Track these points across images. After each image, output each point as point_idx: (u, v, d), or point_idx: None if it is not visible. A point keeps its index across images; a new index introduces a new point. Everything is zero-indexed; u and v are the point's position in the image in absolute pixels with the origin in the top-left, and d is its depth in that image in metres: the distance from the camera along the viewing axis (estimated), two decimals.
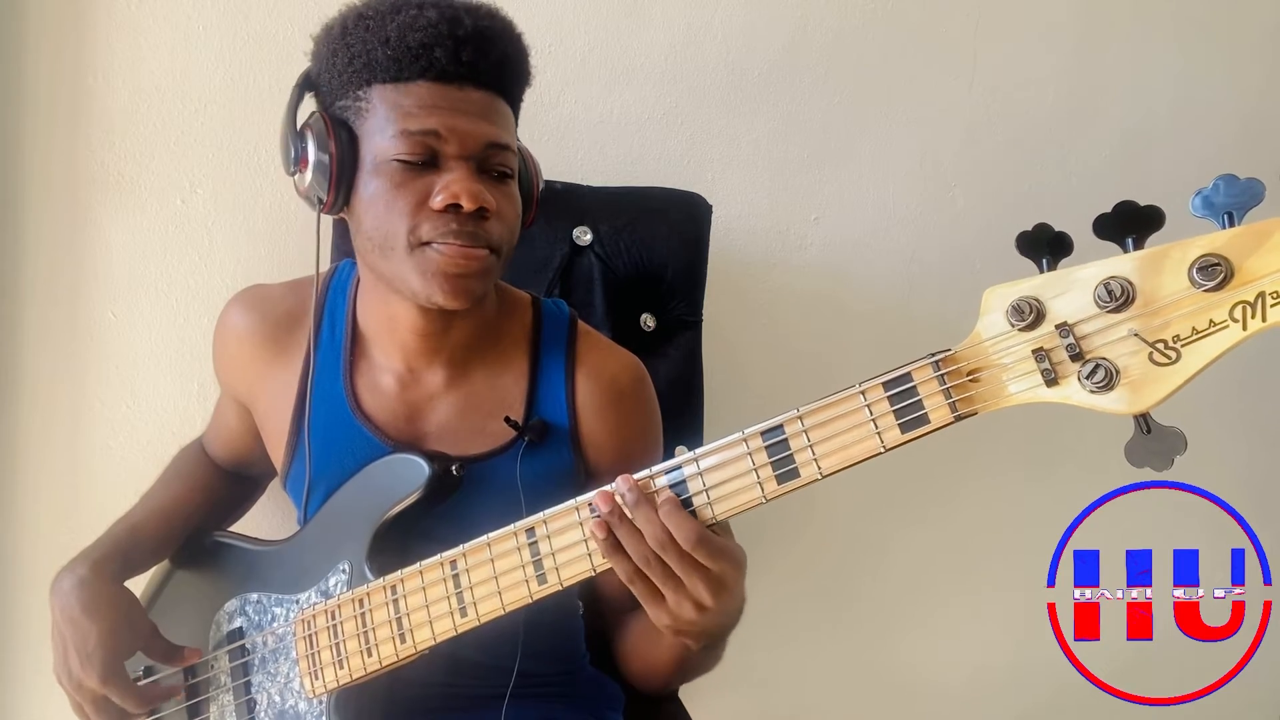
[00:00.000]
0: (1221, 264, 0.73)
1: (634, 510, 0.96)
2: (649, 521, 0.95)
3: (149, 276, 1.65)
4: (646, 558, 0.96)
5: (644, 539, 0.96)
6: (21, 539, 1.66)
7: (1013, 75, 1.94)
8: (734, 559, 0.97)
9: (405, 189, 1.08)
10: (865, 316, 1.92)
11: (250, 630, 1.21)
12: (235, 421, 1.39)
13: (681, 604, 0.96)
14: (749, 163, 1.85)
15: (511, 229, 1.13)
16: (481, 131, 1.09)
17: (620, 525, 0.96)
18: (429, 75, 1.07)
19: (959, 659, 2.07)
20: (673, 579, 0.96)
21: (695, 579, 0.95)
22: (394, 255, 1.09)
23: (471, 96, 1.09)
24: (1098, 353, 0.79)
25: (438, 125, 1.07)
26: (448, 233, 1.07)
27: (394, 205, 1.08)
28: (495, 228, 1.10)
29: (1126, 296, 0.77)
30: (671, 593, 0.96)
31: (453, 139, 1.07)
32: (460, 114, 1.08)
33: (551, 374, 1.26)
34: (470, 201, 1.05)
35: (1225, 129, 2.02)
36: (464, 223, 1.07)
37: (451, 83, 1.08)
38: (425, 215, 1.07)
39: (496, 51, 1.10)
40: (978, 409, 0.85)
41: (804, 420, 0.90)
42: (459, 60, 1.07)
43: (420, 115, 1.07)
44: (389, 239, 1.09)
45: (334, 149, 1.10)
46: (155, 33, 1.61)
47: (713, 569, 0.95)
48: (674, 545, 0.94)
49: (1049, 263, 0.81)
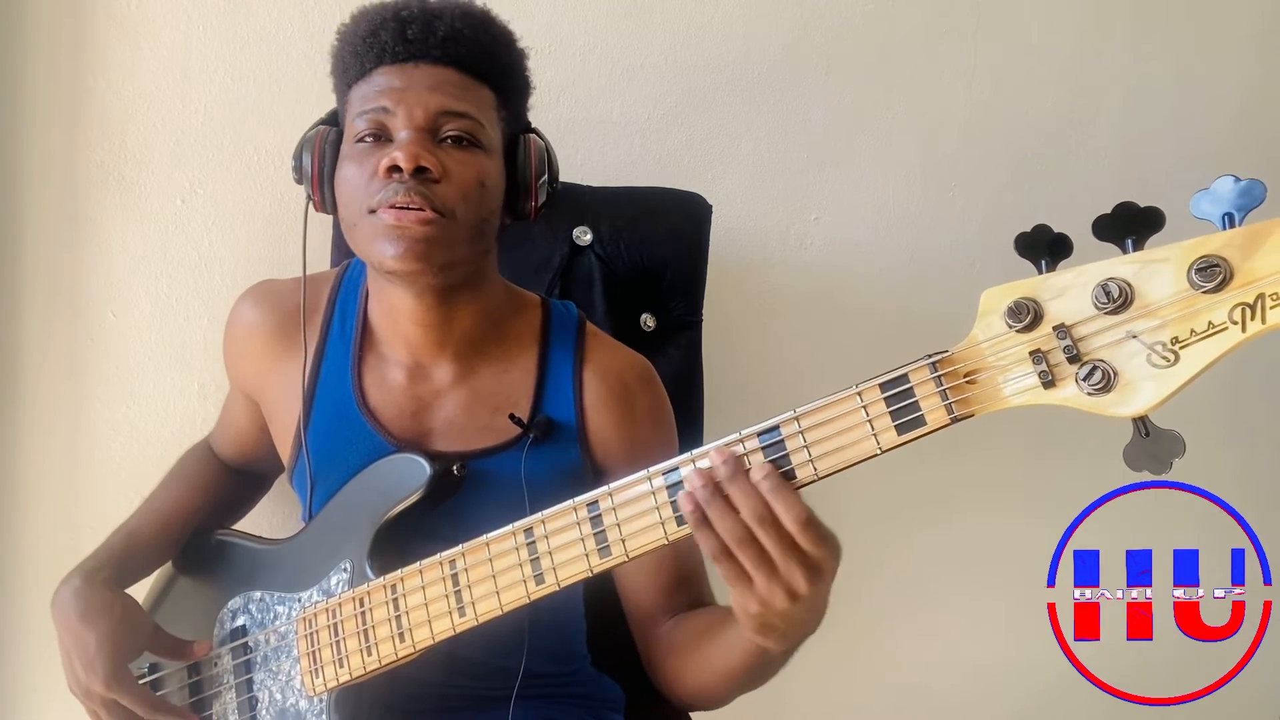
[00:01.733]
0: (1221, 265, 0.72)
1: (730, 483, 0.89)
2: (747, 495, 0.88)
3: (149, 276, 1.65)
4: (741, 537, 0.88)
5: (738, 516, 0.89)
6: (21, 539, 1.66)
7: (1013, 75, 1.94)
8: (836, 546, 0.91)
9: (362, 164, 1.12)
10: (865, 316, 1.92)
11: (253, 628, 1.22)
12: (243, 417, 1.40)
13: (774, 591, 0.89)
14: (749, 163, 1.85)
15: (471, 195, 1.12)
16: (430, 101, 1.12)
17: (714, 501, 0.89)
18: (384, 60, 1.14)
19: (959, 659, 2.07)
20: (767, 563, 0.89)
21: (792, 563, 0.88)
22: (356, 229, 1.13)
23: (424, 70, 1.13)
24: (1095, 355, 0.78)
25: (387, 102, 1.12)
26: (388, 194, 1.08)
27: (353, 182, 1.12)
28: (445, 190, 1.10)
29: (1125, 298, 0.76)
30: (765, 578, 0.89)
31: (400, 110, 1.11)
32: (409, 89, 1.12)
33: (559, 372, 1.26)
34: (408, 161, 1.07)
35: (1225, 129, 2.02)
36: (406, 183, 1.08)
37: (404, 62, 1.14)
38: (374, 184, 1.10)
39: (444, 26, 1.13)
40: (974, 411, 0.84)
41: (800, 421, 0.90)
42: (405, 39, 1.12)
43: (373, 97, 1.13)
44: (351, 214, 1.13)
45: (316, 152, 1.17)
46: (155, 33, 1.61)
47: (813, 554, 0.89)
48: (775, 524, 0.88)
49: (1048, 264, 0.81)
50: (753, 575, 0.90)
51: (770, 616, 0.92)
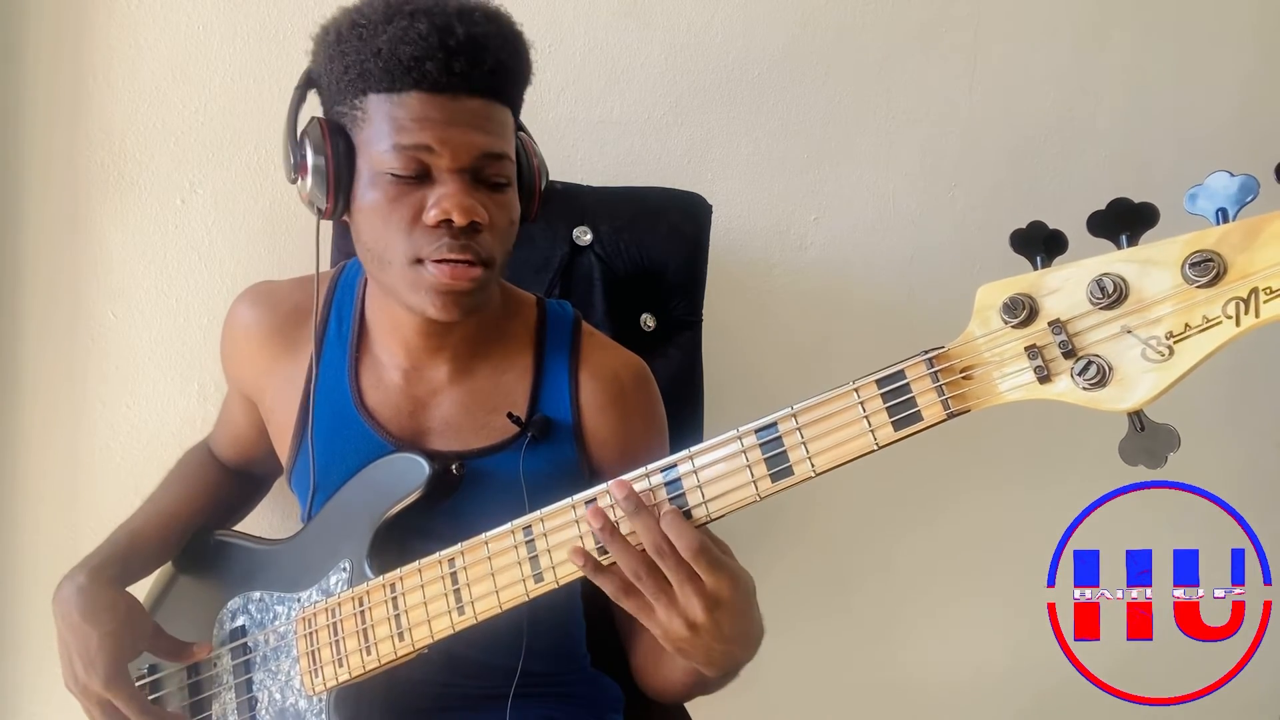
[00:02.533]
0: (1214, 260, 0.73)
1: (634, 518, 0.94)
2: (648, 529, 0.93)
3: (149, 276, 1.65)
4: (637, 571, 0.94)
5: (638, 551, 0.94)
6: (21, 539, 1.66)
7: (1013, 75, 1.94)
8: (733, 575, 0.95)
9: (399, 204, 1.07)
10: (865, 316, 1.92)
11: (252, 628, 1.22)
12: (242, 418, 1.40)
13: (672, 618, 0.94)
14: (749, 163, 1.85)
15: (505, 239, 1.13)
16: (475, 142, 1.07)
17: (614, 539, 0.95)
18: (422, 86, 1.05)
19: (959, 659, 2.07)
20: (666, 591, 0.94)
21: (689, 590, 0.93)
22: (390, 269, 1.10)
23: (466, 106, 1.07)
24: (1090, 350, 0.78)
25: (430, 139, 1.05)
26: (441, 247, 1.06)
27: (389, 220, 1.07)
28: (488, 240, 1.09)
29: (1120, 293, 0.77)
30: (663, 607, 0.94)
31: (445, 151, 1.06)
32: (453, 125, 1.06)
33: (555, 371, 1.26)
34: (462, 217, 1.05)
35: (1224, 128, 2.02)
36: (457, 237, 1.06)
37: (445, 93, 1.06)
38: (419, 231, 1.07)
39: (490, 59, 1.07)
40: (970, 406, 0.85)
41: (798, 418, 0.90)
42: (451, 71, 1.05)
43: (413, 129, 1.05)
44: (385, 254, 1.09)
45: (330, 158, 1.09)
46: (155, 33, 1.61)
47: (708, 582, 0.93)
48: (672, 553, 0.93)
49: (1043, 260, 0.81)
50: (653, 604, 0.95)
51: (681, 644, 0.97)
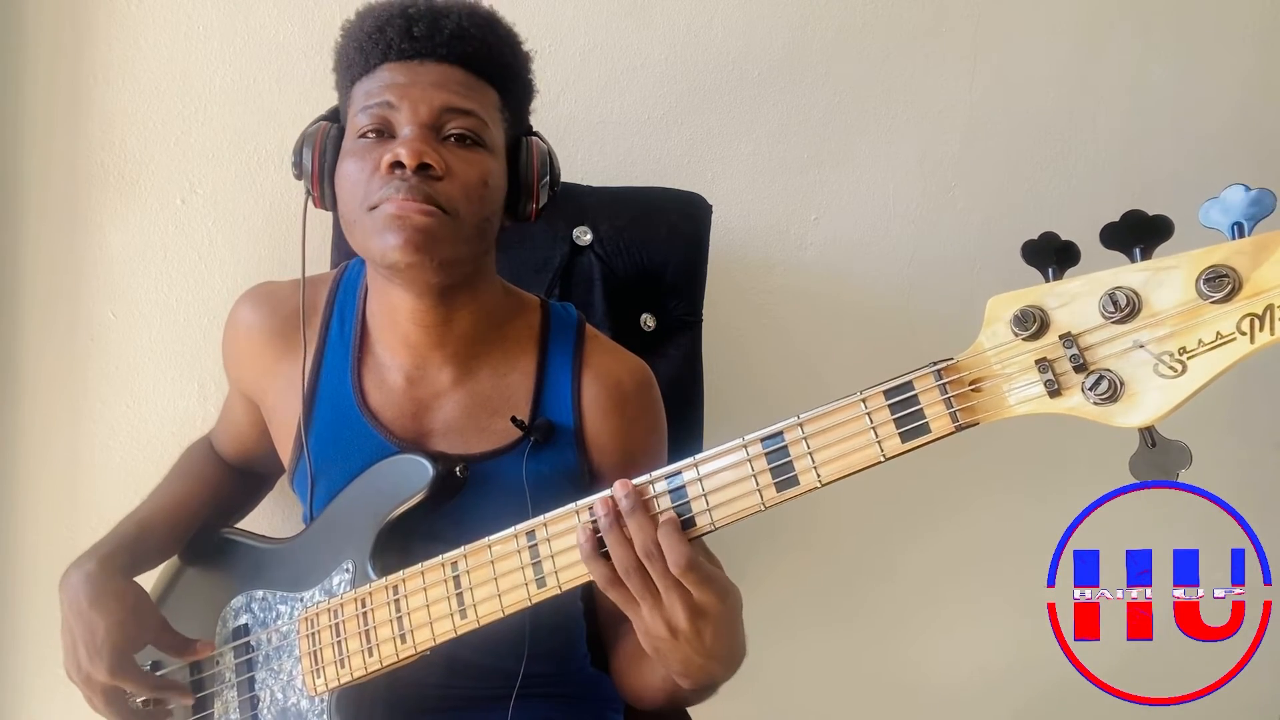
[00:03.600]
0: (1230, 275, 0.72)
1: (630, 516, 0.95)
2: (641, 529, 0.94)
3: (149, 276, 1.65)
4: (628, 568, 0.95)
5: (631, 548, 0.95)
6: (21, 539, 1.66)
7: (1013, 75, 1.94)
8: (720, 591, 0.96)
9: (363, 160, 1.12)
10: (865, 316, 1.92)
11: (255, 627, 1.22)
12: (243, 418, 1.40)
13: (655, 620, 0.96)
14: (749, 163, 1.85)
15: (473, 195, 1.12)
16: (434, 98, 1.11)
17: (611, 530, 0.95)
18: (390, 57, 1.13)
19: (959, 659, 2.07)
20: (651, 592, 0.95)
21: (674, 598, 0.94)
22: (357, 225, 1.12)
23: (428, 68, 1.13)
24: (1102, 364, 0.78)
25: (390, 97, 1.11)
26: (392, 190, 1.08)
27: (353, 176, 1.12)
28: (448, 188, 1.10)
29: (1132, 307, 0.76)
30: (648, 606, 0.96)
31: (403, 106, 1.11)
32: (414, 85, 1.12)
33: (558, 375, 1.26)
34: (411, 158, 1.07)
35: (1224, 129, 2.01)
36: (409, 179, 1.08)
37: (410, 59, 1.13)
38: (377, 179, 1.10)
39: (451, 24, 1.13)
40: (979, 419, 0.84)
41: (804, 428, 0.90)
42: (411, 36, 1.12)
43: (377, 92, 1.12)
44: (351, 210, 1.12)
45: (317, 148, 1.17)
46: (155, 33, 1.61)
47: (695, 595, 0.94)
48: (660, 560, 0.94)
49: (1055, 272, 0.80)
50: (639, 601, 0.96)
51: (661, 646, 0.98)
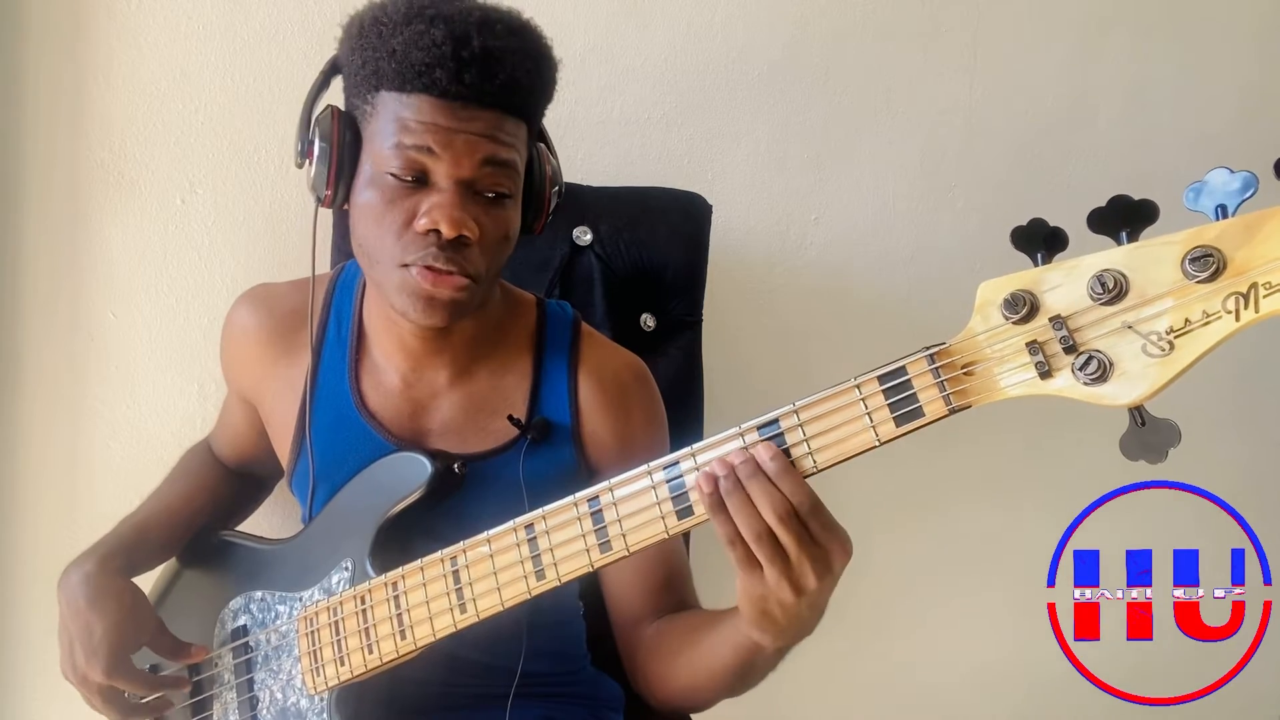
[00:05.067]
0: (1214, 255, 0.73)
1: (750, 482, 0.90)
2: (768, 493, 0.89)
3: (149, 276, 1.65)
4: (758, 533, 0.89)
5: (757, 512, 0.89)
6: (21, 539, 1.66)
7: (1013, 75, 1.94)
8: (843, 539, 0.92)
9: (395, 206, 1.07)
10: (865, 316, 1.92)
11: (254, 628, 1.22)
12: (241, 420, 1.40)
13: (782, 585, 0.90)
14: (749, 163, 1.86)
15: (495, 254, 1.12)
16: (476, 151, 1.06)
17: (734, 492, 0.90)
18: (432, 92, 1.05)
19: (958, 659, 2.07)
20: (780, 557, 0.90)
21: (805, 558, 0.89)
22: (378, 269, 1.11)
23: (474, 115, 1.06)
24: (1091, 345, 0.79)
25: (432, 142, 1.05)
26: (426, 256, 1.06)
27: (383, 221, 1.08)
28: (475, 255, 1.08)
29: (1120, 289, 0.77)
30: (777, 571, 0.90)
31: (445, 157, 1.05)
32: (457, 133, 1.05)
33: (554, 373, 1.26)
34: (451, 229, 1.05)
35: (1225, 127, 2.01)
36: (443, 248, 1.06)
37: (454, 100, 1.05)
38: (409, 236, 1.07)
39: (504, 74, 1.06)
40: (972, 402, 0.85)
41: (800, 414, 0.90)
42: (461, 82, 1.04)
43: (417, 130, 1.05)
44: (375, 253, 1.10)
45: (335, 146, 1.10)
46: (155, 33, 1.61)
47: (823, 544, 0.90)
48: (794, 518, 0.89)
49: (1044, 257, 0.81)
50: (765, 567, 0.90)
51: (772, 606, 0.93)
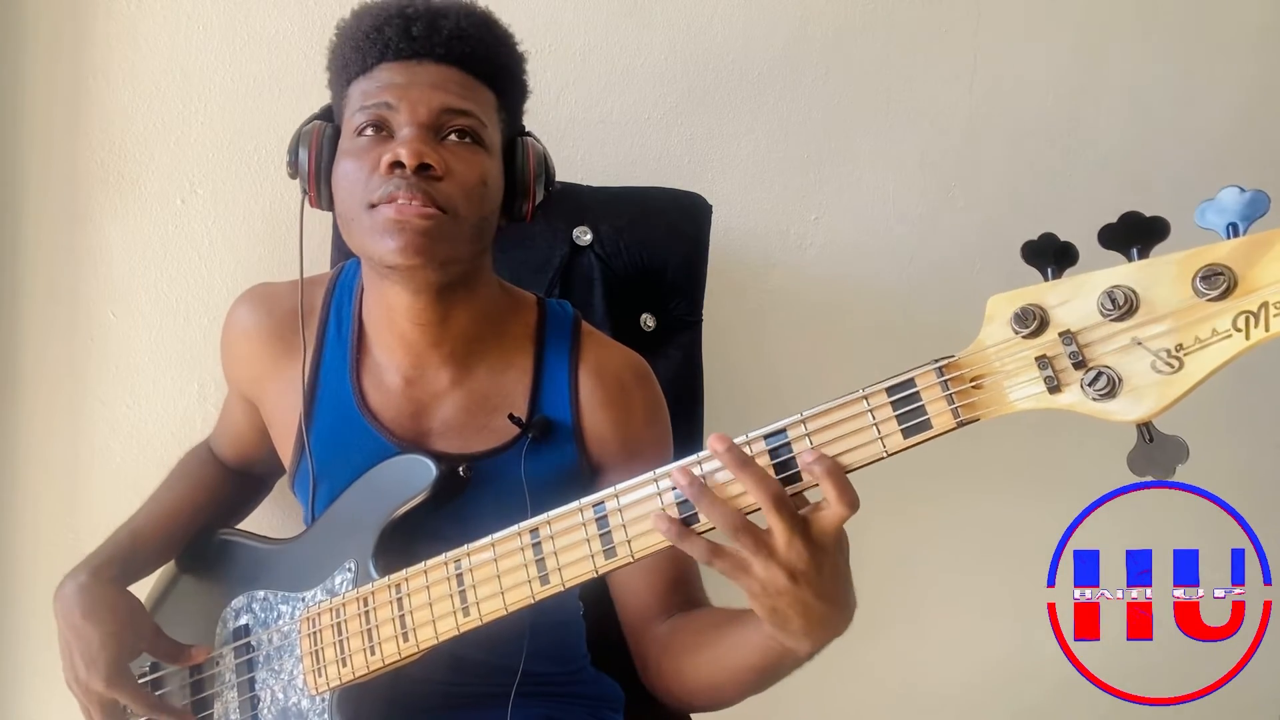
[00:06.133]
0: (1225, 274, 0.73)
1: (742, 471, 0.89)
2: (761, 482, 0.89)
3: (149, 276, 1.65)
4: (736, 527, 0.89)
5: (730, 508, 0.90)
6: (21, 539, 1.66)
7: (1013, 75, 1.94)
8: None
9: (361, 159, 1.12)
10: (865, 316, 1.92)
11: (256, 627, 1.22)
12: (242, 420, 1.40)
13: (773, 571, 0.89)
14: (749, 163, 1.85)
15: (471, 194, 1.13)
16: (432, 98, 1.12)
17: (703, 497, 0.90)
18: (387, 57, 1.14)
19: (958, 659, 2.07)
20: (764, 545, 0.89)
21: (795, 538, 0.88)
22: (355, 224, 1.13)
23: (426, 68, 1.14)
24: (1100, 361, 0.79)
25: (389, 98, 1.11)
26: (391, 188, 1.08)
27: (351, 175, 1.12)
28: (447, 188, 1.10)
29: (1130, 305, 0.77)
30: (762, 560, 0.89)
31: (402, 106, 1.11)
32: (413, 85, 1.12)
33: (555, 371, 1.26)
34: (411, 158, 1.07)
35: (1226, 129, 2.02)
36: (409, 179, 1.08)
37: (408, 59, 1.14)
38: (376, 179, 1.10)
39: (449, 25, 1.14)
40: (980, 415, 0.85)
41: (807, 424, 0.90)
42: (410, 36, 1.13)
43: (375, 92, 1.13)
44: (350, 208, 1.13)
45: (313, 147, 1.17)
46: (155, 33, 1.61)
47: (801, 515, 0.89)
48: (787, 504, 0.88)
49: (1054, 271, 0.81)
50: (751, 560, 0.90)
51: (777, 602, 0.92)
